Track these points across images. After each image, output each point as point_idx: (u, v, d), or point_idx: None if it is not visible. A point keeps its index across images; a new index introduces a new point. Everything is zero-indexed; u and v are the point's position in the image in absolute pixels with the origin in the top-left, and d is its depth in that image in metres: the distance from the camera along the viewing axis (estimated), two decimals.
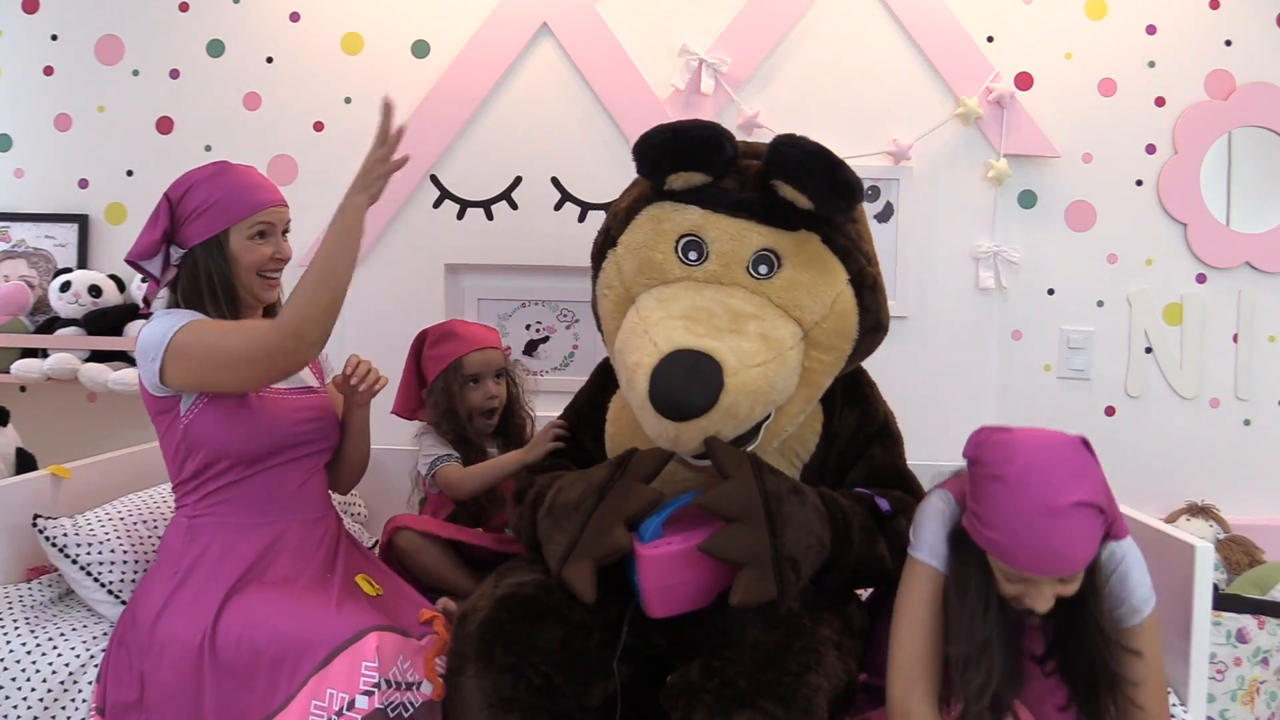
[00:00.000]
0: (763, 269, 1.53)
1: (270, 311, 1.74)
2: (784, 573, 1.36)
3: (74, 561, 1.70)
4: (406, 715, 1.41)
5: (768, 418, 1.48)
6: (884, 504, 1.56)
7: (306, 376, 1.76)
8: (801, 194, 1.48)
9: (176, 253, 1.63)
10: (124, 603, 1.67)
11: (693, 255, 1.54)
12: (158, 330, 1.53)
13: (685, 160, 1.52)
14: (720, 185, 1.54)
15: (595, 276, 1.67)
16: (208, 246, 1.60)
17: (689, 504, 1.44)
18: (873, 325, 1.58)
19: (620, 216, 1.63)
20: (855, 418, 1.69)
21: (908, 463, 1.74)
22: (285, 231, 1.69)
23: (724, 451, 1.41)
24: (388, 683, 1.38)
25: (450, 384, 2.01)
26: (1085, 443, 1.31)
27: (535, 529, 1.57)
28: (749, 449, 1.48)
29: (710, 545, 1.37)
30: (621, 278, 1.59)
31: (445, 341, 2.04)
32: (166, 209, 1.62)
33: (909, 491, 1.66)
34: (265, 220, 1.63)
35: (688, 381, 1.34)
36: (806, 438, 1.64)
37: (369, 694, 1.34)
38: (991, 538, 1.27)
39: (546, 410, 2.22)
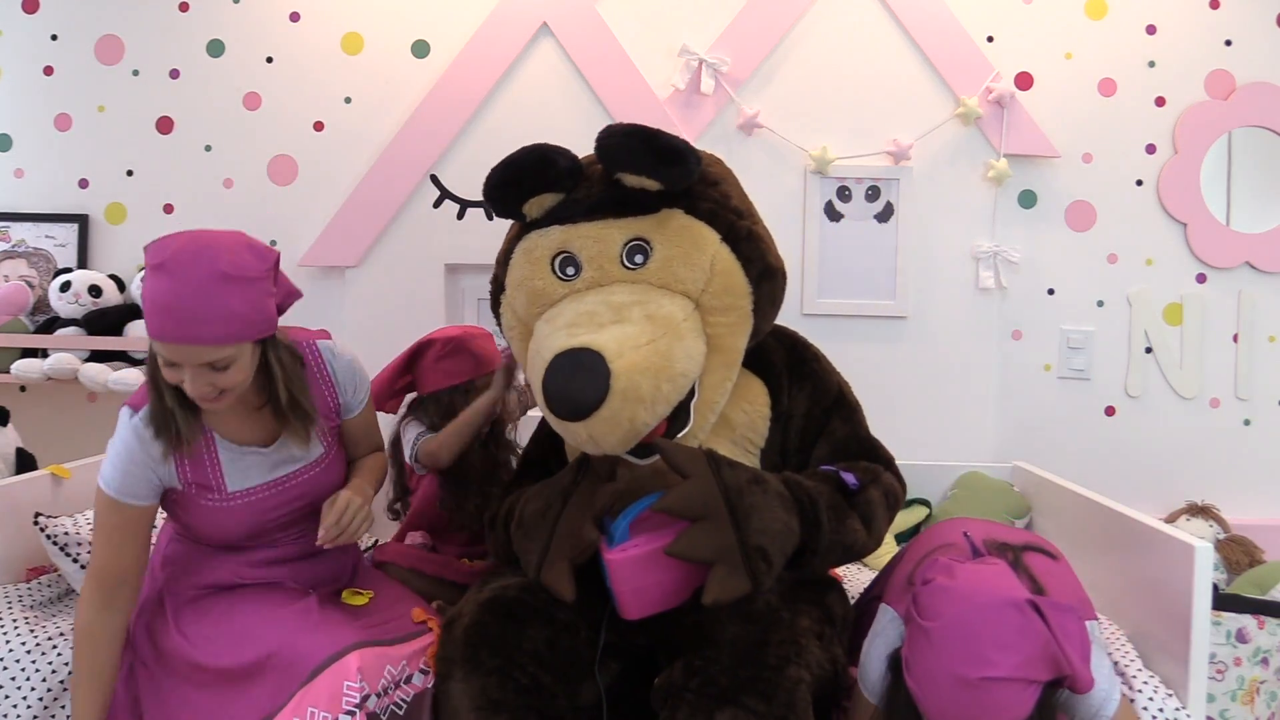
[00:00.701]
0: (638, 259, 1.53)
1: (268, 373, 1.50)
2: (755, 565, 1.36)
3: (74, 560, 1.70)
4: (400, 713, 1.41)
5: (693, 396, 1.49)
6: (850, 478, 1.54)
7: (302, 452, 1.56)
8: (641, 176, 1.49)
9: None
10: None
11: (570, 270, 1.56)
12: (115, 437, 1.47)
13: (525, 187, 1.55)
14: (573, 198, 1.56)
15: (499, 325, 1.69)
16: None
17: (650, 507, 1.44)
18: (762, 273, 1.57)
19: (501, 261, 1.66)
20: (806, 395, 1.67)
21: (905, 462, 1.73)
22: (222, 366, 1.37)
23: (677, 451, 1.40)
24: (377, 695, 1.38)
25: (456, 403, 1.96)
26: (1032, 604, 1.21)
27: (511, 545, 1.58)
28: (685, 431, 1.48)
29: (677, 548, 1.36)
30: (518, 316, 1.61)
31: (457, 357, 1.98)
32: None
33: (875, 459, 1.65)
34: (164, 355, 1.36)
35: (572, 378, 1.35)
36: (757, 423, 1.63)
37: (351, 714, 1.34)
38: (912, 687, 1.24)
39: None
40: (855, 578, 2.10)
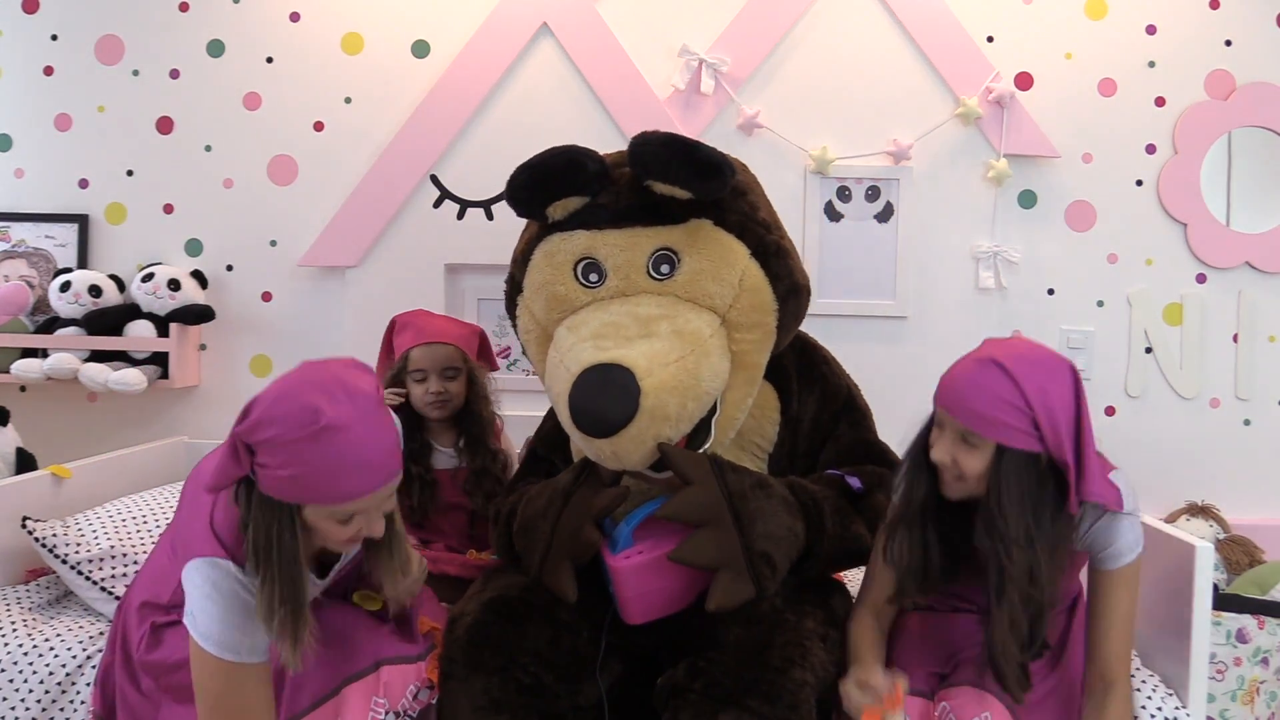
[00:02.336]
0: (664, 268, 1.51)
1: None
2: (759, 570, 1.36)
3: (64, 561, 1.70)
4: None
5: (714, 412, 1.47)
6: (855, 482, 1.55)
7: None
8: (674, 186, 1.46)
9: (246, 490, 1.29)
10: (118, 599, 1.65)
11: (593, 277, 1.53)
12: (194, 612, 1.27)
13: (553, 190, 1.51)
14: (598, 202, 1.52)
15: (514, 326, 1.68)
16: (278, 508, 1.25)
17: (654, 513, 1.43)
18: (789, 290, 1.56)
19: (519, 261, 1.63)
20: (815, 399, 1.67)
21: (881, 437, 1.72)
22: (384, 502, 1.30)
23: (681, 457, 1.39)
24: (396, 715, 1.38)
25: (400, 376, 1.94)
26: (1072, 370, 1.34)
27: (513, 543, 1.57)
28: (706, 446, 1.47)
29: (680, 554, 1.36)
30: (536, 320, 1.59)
31: (403, 332, 1.99)
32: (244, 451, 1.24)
33: (883, 463, 1.64)
34: (353, 508, 1.26)
35: (602, 395, 1.33)
36: (765, 428, 1.63)
37: None
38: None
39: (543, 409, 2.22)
40: (855, 576, 2.10)
